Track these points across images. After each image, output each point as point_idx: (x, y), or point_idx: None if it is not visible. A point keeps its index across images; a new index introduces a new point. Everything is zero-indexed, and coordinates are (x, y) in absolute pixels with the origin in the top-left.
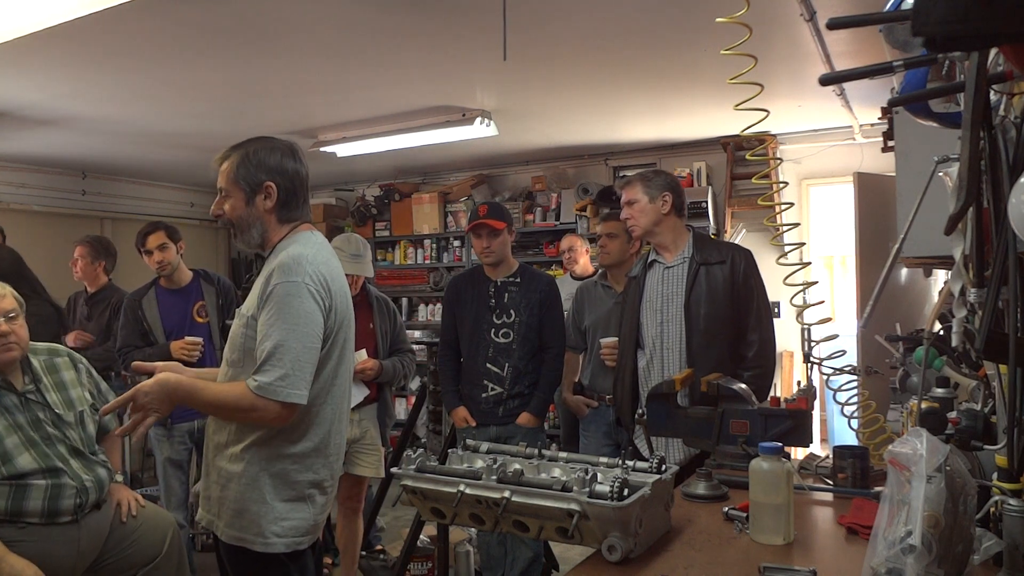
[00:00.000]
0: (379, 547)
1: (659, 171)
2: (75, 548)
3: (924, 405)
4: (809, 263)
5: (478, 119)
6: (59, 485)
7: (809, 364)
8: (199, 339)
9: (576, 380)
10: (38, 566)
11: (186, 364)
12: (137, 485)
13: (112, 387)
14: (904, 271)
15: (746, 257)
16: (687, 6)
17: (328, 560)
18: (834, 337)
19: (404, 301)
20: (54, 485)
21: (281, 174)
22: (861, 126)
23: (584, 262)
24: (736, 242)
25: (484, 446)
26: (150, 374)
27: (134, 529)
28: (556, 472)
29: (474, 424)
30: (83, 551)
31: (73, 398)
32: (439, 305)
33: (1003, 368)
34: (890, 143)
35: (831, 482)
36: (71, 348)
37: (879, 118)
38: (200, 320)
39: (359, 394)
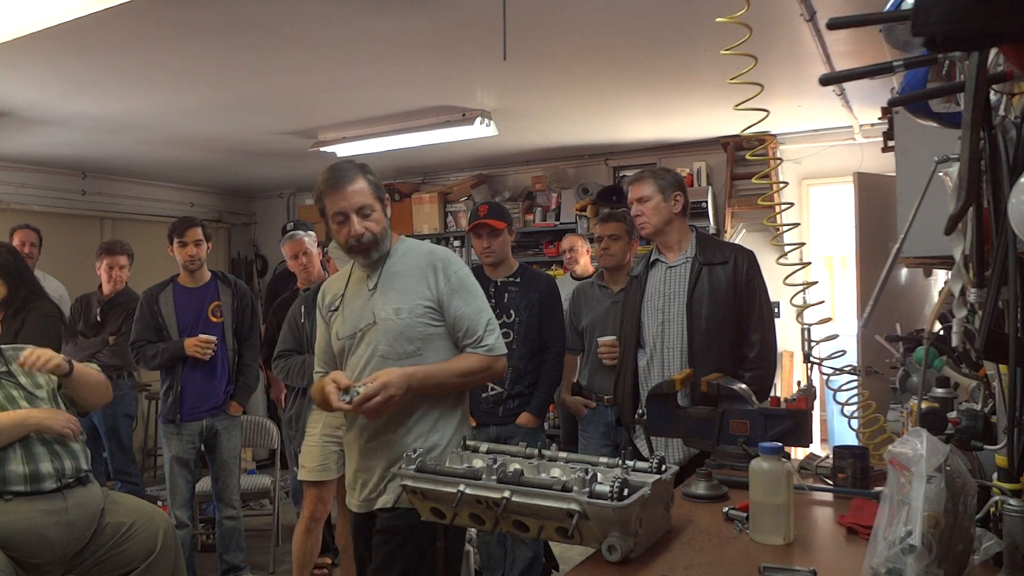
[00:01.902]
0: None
1: (668, 169)
2: (64, 518)
3: (924, 405)
4: (809, 263)
5: (478, 119)
6: (33, 454)
7: (809, 364)
8: (213, 337)
9: (574, 381)
10: (31, 540)
11: (198, 362)
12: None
13: (124, 386)
14: (904, 271)
15: (749, 258)
16: (687, 6)
17: (327, 560)
18: (834, 337)
19: None
20: (28, 455)
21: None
22: (861, 126)
23: (584, 262)
24: (737, 242)
25: (484, 446)
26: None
27: (127, 527)
28: (556, 472)
29: (474, 424)
30: (73, 522)
31: (42, 383)
32: None
33: (1003, 368)
34: (890, 143)
35: (831, 482)
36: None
37: (879, 118)
38: (215, 320)
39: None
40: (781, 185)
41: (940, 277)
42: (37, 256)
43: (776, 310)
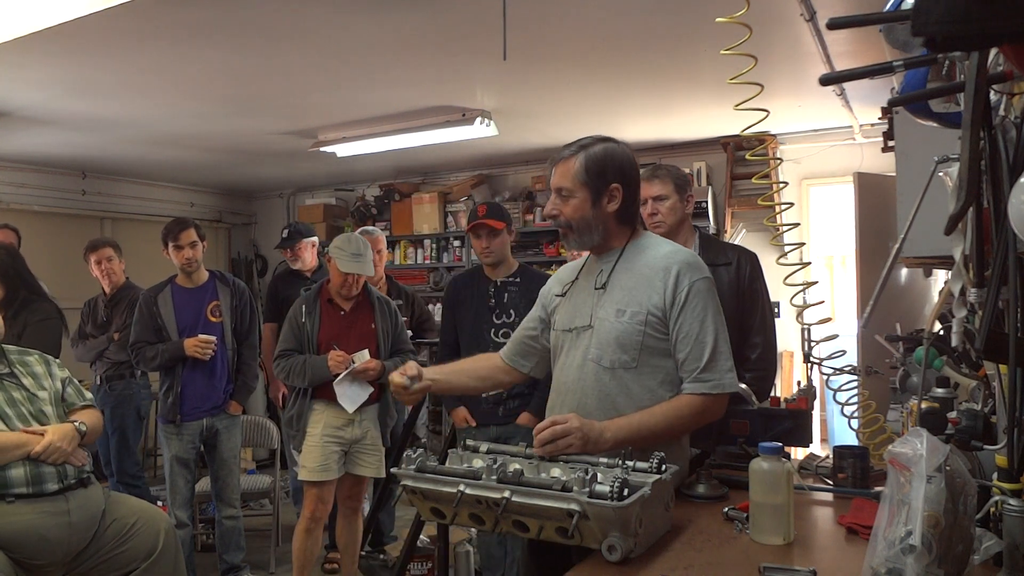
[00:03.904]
0: (384, 545)
1: (676, 167)
2: (66, 520)
3: (924, 405)
4: (809, 263)
5: (478, 119)
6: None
7: (809, 364)
8: (212, 337)
9: None
10: (32, 541)
11: (197, 362)
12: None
13: (136, 384)
14: (904, 271)
15: (751, 260)
16: (687, 6)
17: (338, 555)
18: (834, 337)
19: None
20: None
21: (626, 177)
22: (861, 126)
23: None
24: (737, 242)
25: (484, 446)
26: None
27: (129, 527)
28: (556, 472)
29: (474, 424)
30: (75, 523)
31: (45, 386)
32: (439, 305)
33: (1003, 368)
34: (890, 143)
35: (831, 482)
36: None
37: (879, 118)
38: (214, 319)
39: (364, 394)
40: (781, 185)
41: (940, 277)
42: None
43: (776, 310)
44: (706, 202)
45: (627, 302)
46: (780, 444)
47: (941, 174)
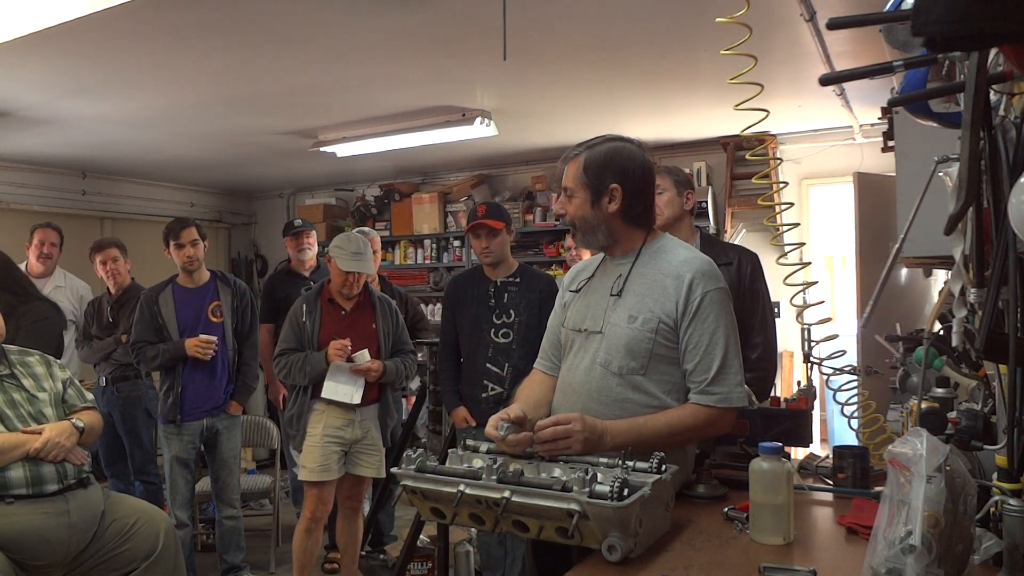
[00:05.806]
0: (384, 545)
1: (677, 167)
2: (66, 520)
3: (924, 405)
4: (809, 263)
5: (478, 119)
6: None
7: (809, 364)
8: (214, 337)
9: None
10: (32, 542)
11: (198, 362)
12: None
13: (143, 385)
14: (904, 271)
15: (752, 260)
16: (687, 6)
17: (338, 555)
18: (834, 337)
19: None
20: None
21: (627, 177)
22: (861, 126)
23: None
24: (737, 243)
25: (484, 446)
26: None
27: (129, 527)
28: (556, 472)
29: (474, 424)
30: (75, 524)
31: (46, 387)
32: (439, 305)
33: (1003, 368)
34: (890, 143)
35: (831, 482)
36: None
37: (879, 118)
38: (215, 320)
39: (353, 390)
40: (781, 185)
41: (940, 277)
42: (57, 256)
43: (776, 310)
44: (706, 202)
45: (639, 308)
46: (780, 444)
47: (941, 174)
